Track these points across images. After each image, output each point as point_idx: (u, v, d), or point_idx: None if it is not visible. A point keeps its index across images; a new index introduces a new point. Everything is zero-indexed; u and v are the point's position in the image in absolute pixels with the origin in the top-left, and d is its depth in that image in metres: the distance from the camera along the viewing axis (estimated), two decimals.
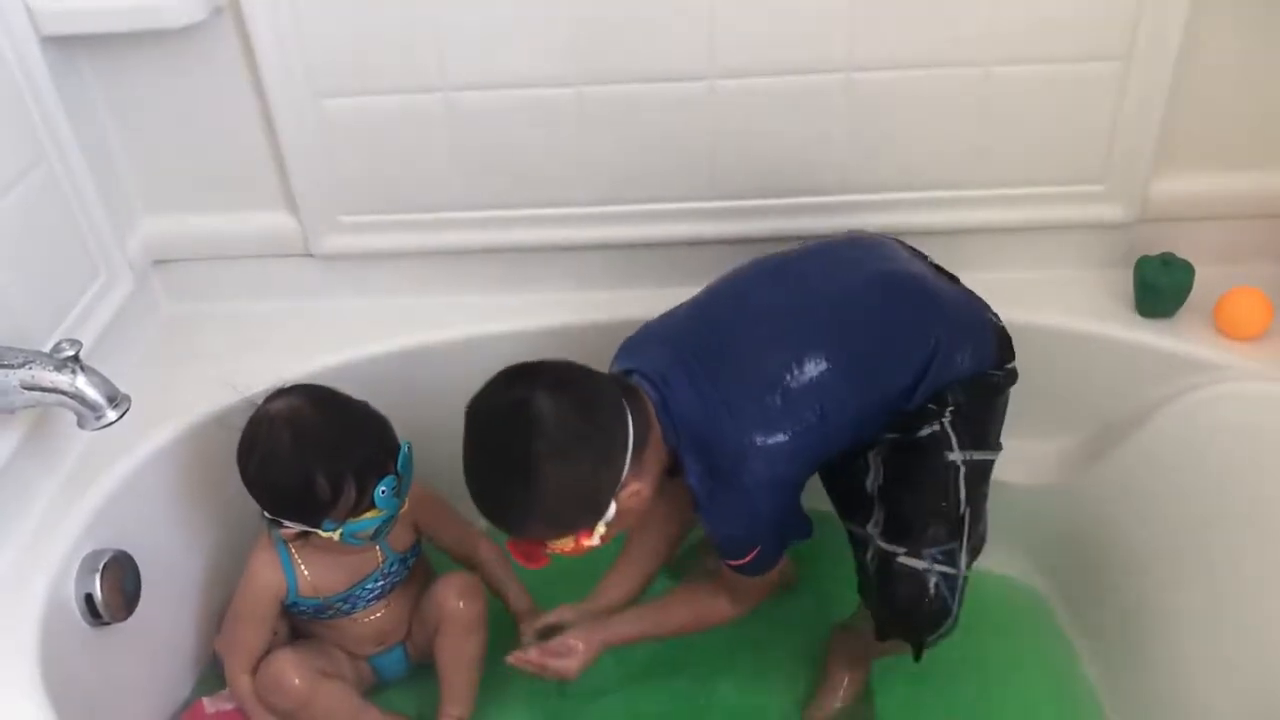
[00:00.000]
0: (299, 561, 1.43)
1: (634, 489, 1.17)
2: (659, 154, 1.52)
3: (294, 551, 1.42)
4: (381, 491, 1.32)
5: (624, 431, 1.15)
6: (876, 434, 1.29)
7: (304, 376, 1.42)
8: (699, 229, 1.57)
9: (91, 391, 1.21)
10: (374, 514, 1.33)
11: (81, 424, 1.23)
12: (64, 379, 1.20)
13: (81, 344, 1.24)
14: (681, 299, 1.34)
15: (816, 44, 1.42)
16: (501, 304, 1.62)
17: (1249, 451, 1.37)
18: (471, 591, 1.48)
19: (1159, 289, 1.49)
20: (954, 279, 1.36)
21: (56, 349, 1.23)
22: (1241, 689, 1.25)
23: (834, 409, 1.21)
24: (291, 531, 1.36)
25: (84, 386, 1.20)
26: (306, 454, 1.30)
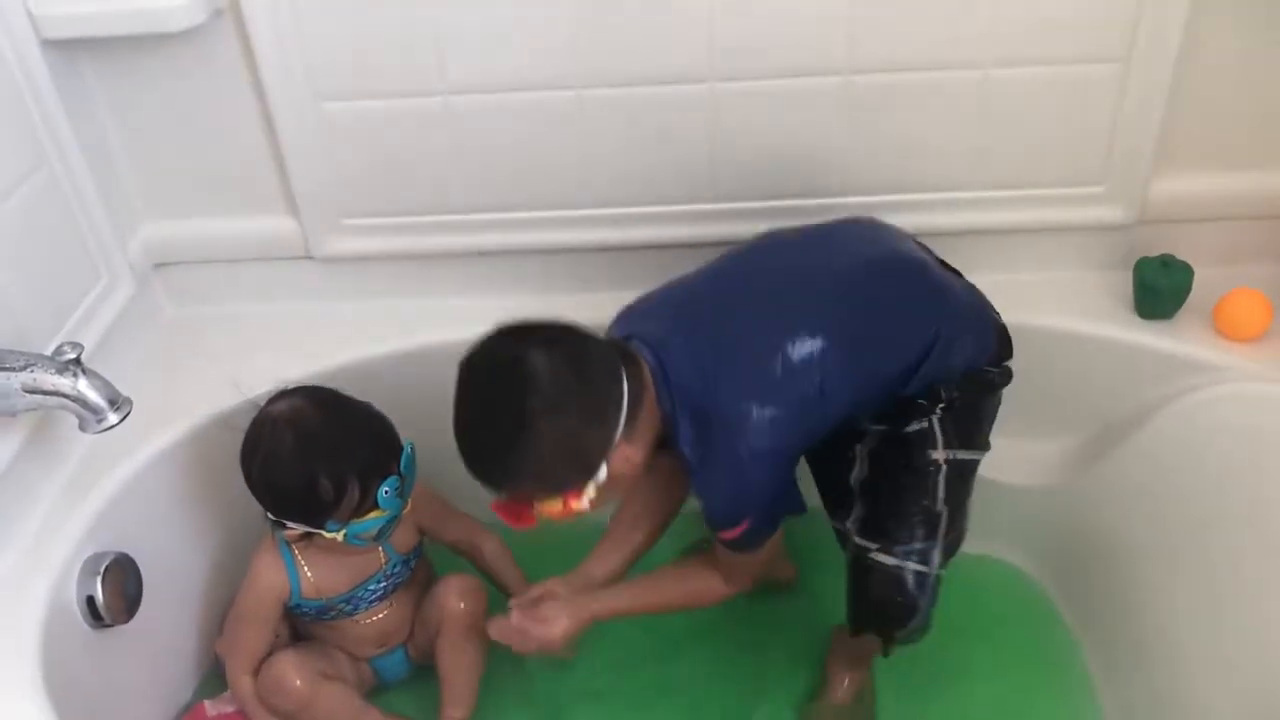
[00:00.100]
0: (302, 563, 1.43)
1: (626, 453, 1.15)
2: (659, 156, 1.52)
3: (297, 553, 1.42)
4: (385, 492, 1.32)
5: (618, 392, 1.13)
6: (871, 415, 1.28)
7: (305, 378, 1.42)
8: (699, 231, 1.57)
9: (93, 394, 1.21)
10: (377, 514, 1.33)
11: (83, 427, 1.23)
12: (65, 382, 1.20)
13: (83, 347, 1.24)
14: None
15: (816, 46, 1.42)
16: (502, 306, 1.60)
17: (1248, 452, 1.37)
18: (473, 593, 1.48)
19: (1158, 290, 1.49)
20: (958, 274, 1.35)
21: (58, 352, 1.23)
22: (1241, 689, 1.26)
23: (833, 385, 1.19)
24: (295, 533, 1.36)
25: (85, 389, 1.20)
26: (310, 455, 1.30)
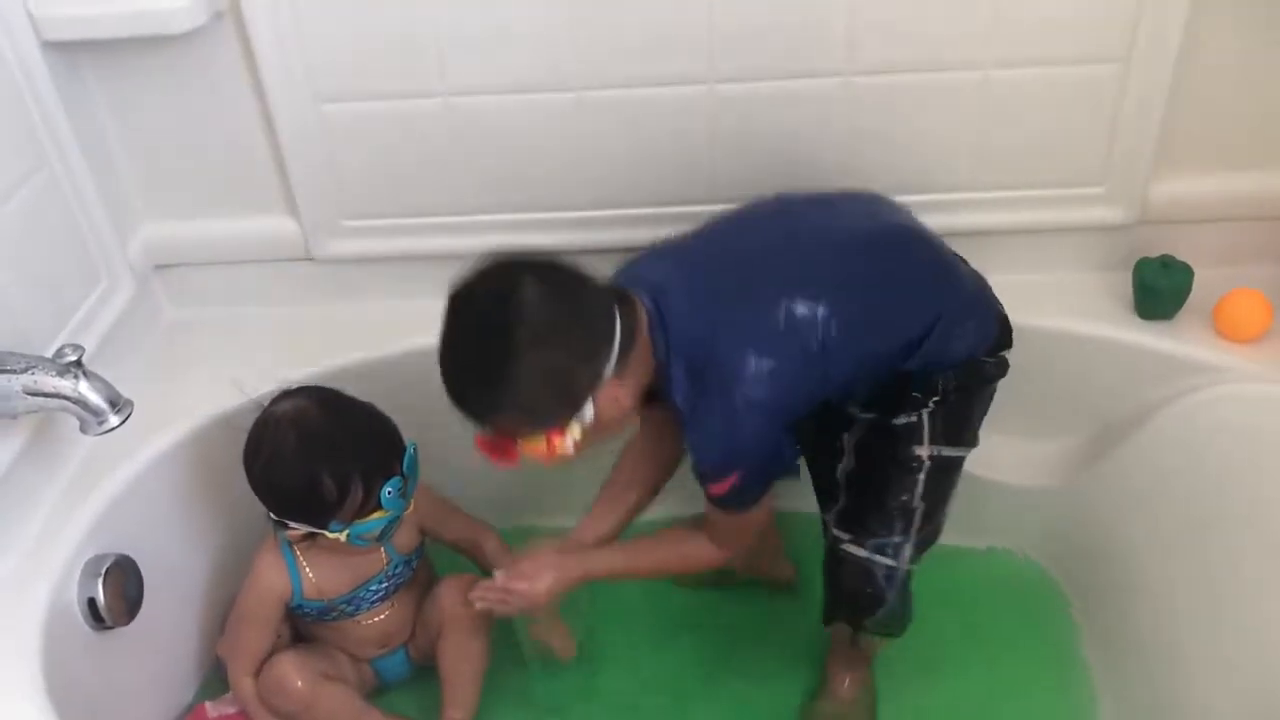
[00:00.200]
0: (303, 563, 1.43)
1: (614, 393, 1.13)
2: (659, 157, 1.52)
3: (299, 554, 1.43)
4: (388, 492, 1.32)
5: (609, 328, 1.11)
6: (866, 396, 1.26)
7: (306, 380, 1.42)
8: None
9: (94, 396, 1.21)
10: (380, 515, 1.33)
11: (84, 429, 1.23)
12: (66, 384, 1.20)
13: (84, 349, 1.24)
14: None
15: (816, 47, 1.42)
16: None
17: (1248, 452, 1.37)
18: None
19: (1158, 291, 1.49)
20: (964, 261, 1.34)
21: (59, 354, 1.23)
22: (1240, 688, 1.26)
23: (834, 346, 1.17)
24: (298, 533, 1.36)
25: (86, 391, 1.21)
26: (312, 455, 1.31)
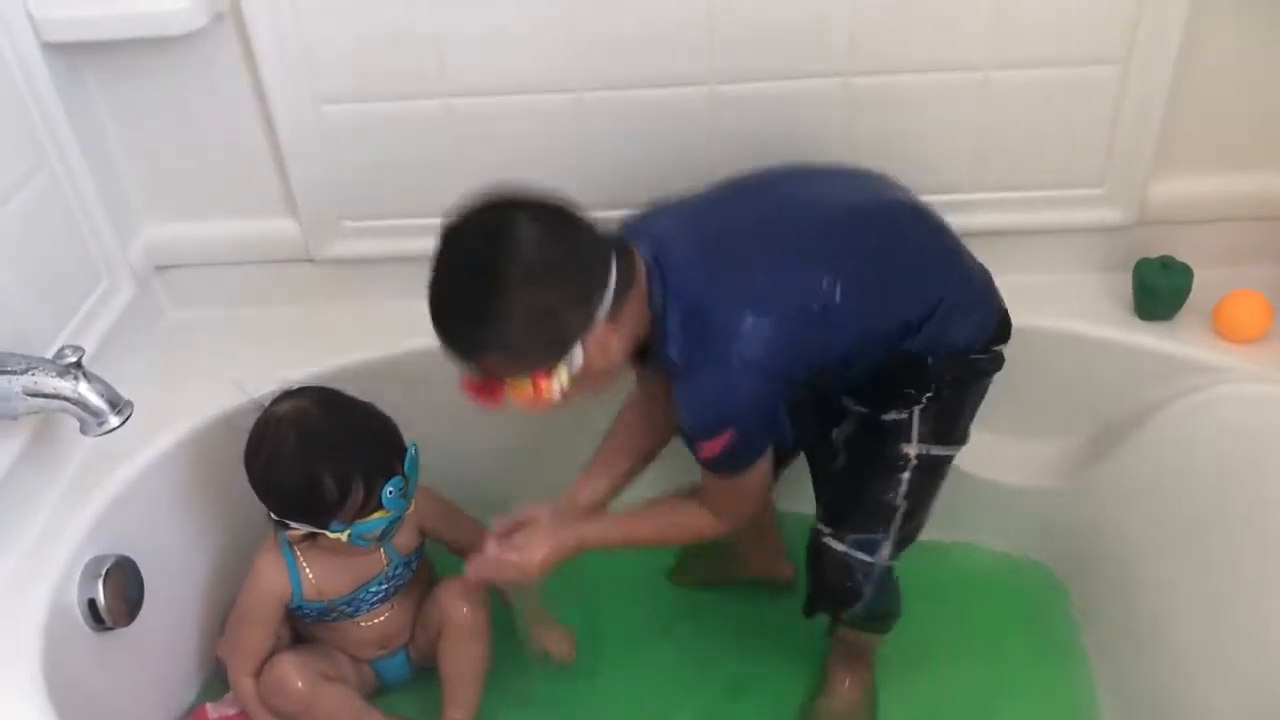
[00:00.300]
0: (304, 564, 1.43)
1: (605, 341, 1.11)
2: (659, 158, 1.52)
3: (299, 554, 1.43)
4: (389, 492, 1.32)
5: (604, 272, 1.09)
6: (864, 379, 1.25)
7: (307, 380, 1.42)
8: None
9: (94, 397, 1.21)
10: (381, 515, 1.33)
11: (84, 430, 1.23)
12: (66, 385, 1.20)
13: (84, 350, 1.24)
14: None
15: (816, 49, 1.42)
16: None
17: (1248, 453, 1.37)
18: (475, 595, 1.48)
19: (1158, 291, 1.49)
20: (969, 252, 1.33)
21: (59, 355, 1.24)
22: (1241, 688, 1.26)
23: (837, 310, 1.16)
24: (299, 533, 1.36)
25: (86, 392, 1.21)
26: (313, 455, 1.31)
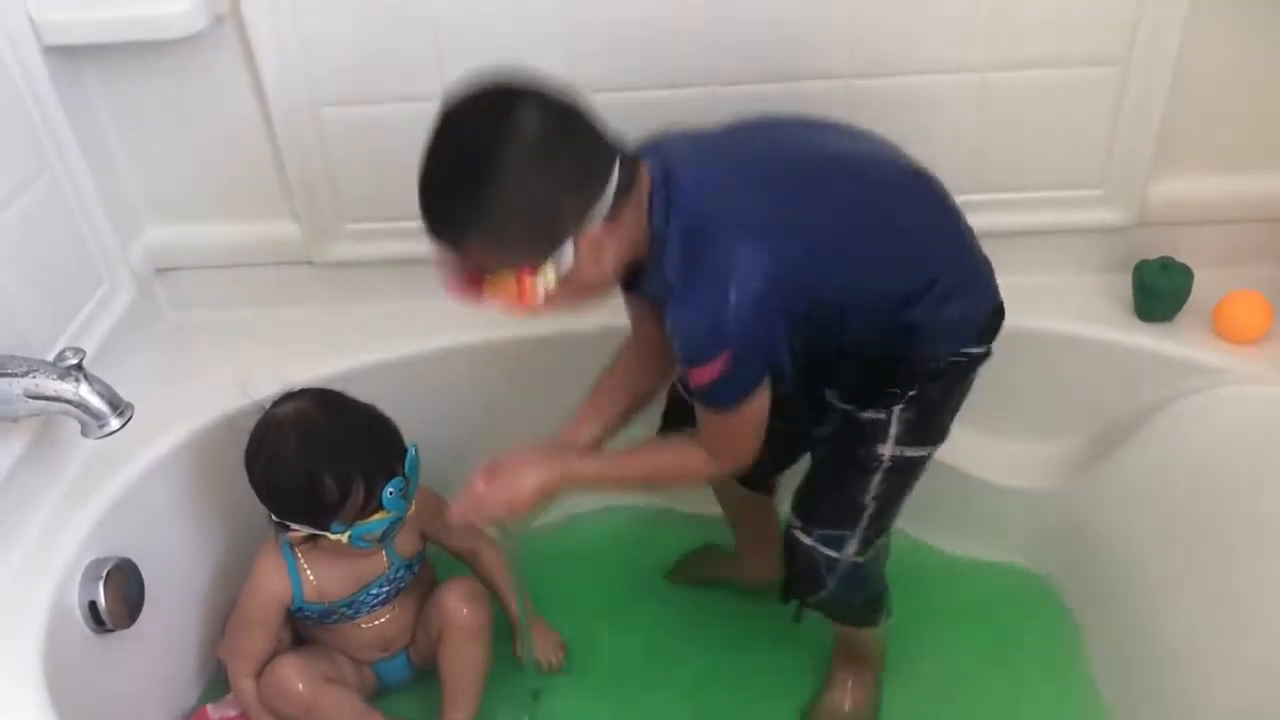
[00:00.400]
0: (304, 566, 1.43)
1: (597, 244, 1.07)
2: None
3: (300, 556, 1.43)
4: (389, 493, 1.32)
5: (605, 169, 1.06)
6: (860, 334, 1.21)
7: (307, 383, 1.42)
8: None
9: (95, 400, 1.21)
10: (382, 516, 1.33)
11: (85, 432, 1.23)
12: (67, 387, 1.20)
13: (85, 352, 1.24)
14: None
15: (817, 50, 1.42)
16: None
17: (1249, 454, 1.37)
18: (476, 598, 1.49)
19: (1158, 293, 1.49)
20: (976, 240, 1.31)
21: (60, 357, 1.24)
22: (1243, 690, 1.26)
23: (844, 247, 1.14)
24: (299, 535, 1.36)
25: (87, 395, 1.21)
26: (314, 455, 1.31)
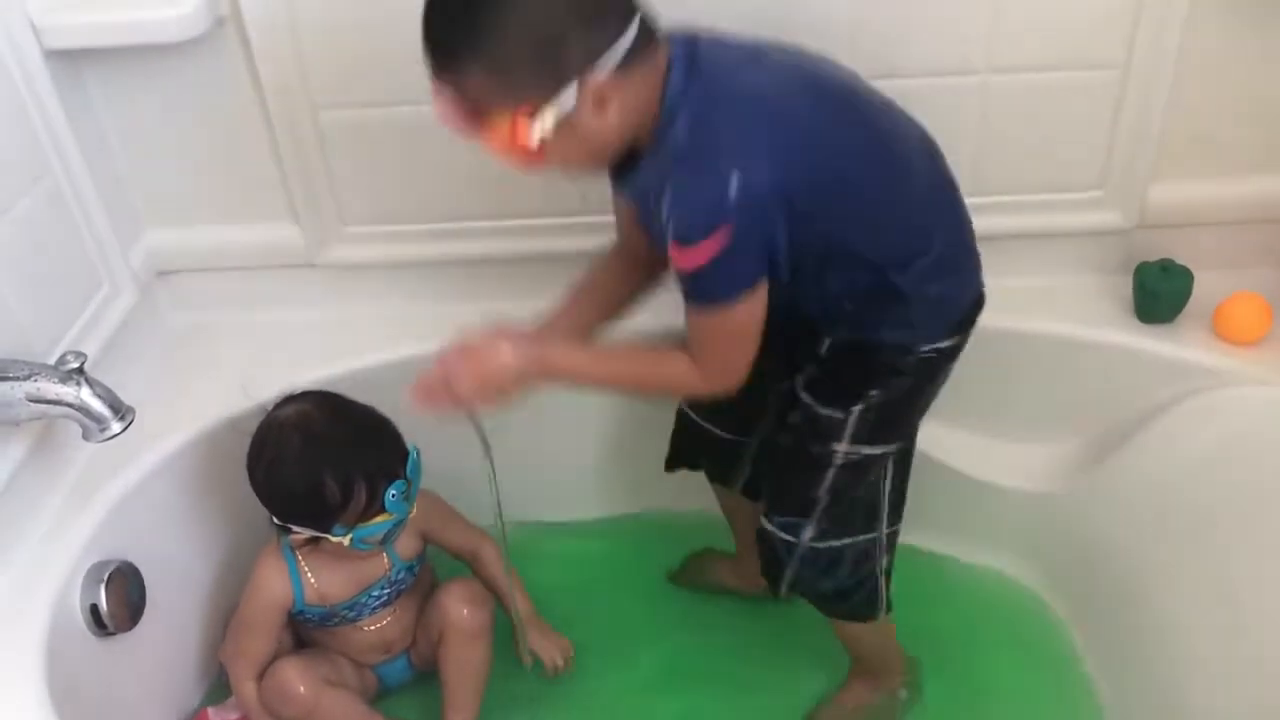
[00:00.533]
0: (305, 569, 1.43)
1: (603, 95, 1.02)
2: None
3: (301, 559, 1.43)
4: (391, 495, 1.32)
5: (623, 17, 1.02)
6: (837, 301, 1.19)
7: (309, 385, 1.42)
8: None
9: (96, 403, 1.21)
10: (384, 518, 1.33)
11: (86, 436, 1.23)
12: (69, 391, 1.20)
13: (86, 356, 1.24)
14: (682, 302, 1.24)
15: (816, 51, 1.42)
16: (503, 312, 1.62)
17: (1249, 456, 1.37)
18: (477, 600, 1.49)
19: (1158, 295, 1.49)
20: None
21: (61, 361, 1.24)
22: (1244, 695, 1.26)
23: (853, 172, 1.11)
24: (301, 538, 1.36)
25: (89, 398, 1.21)
26: (316, 457, 1.31)
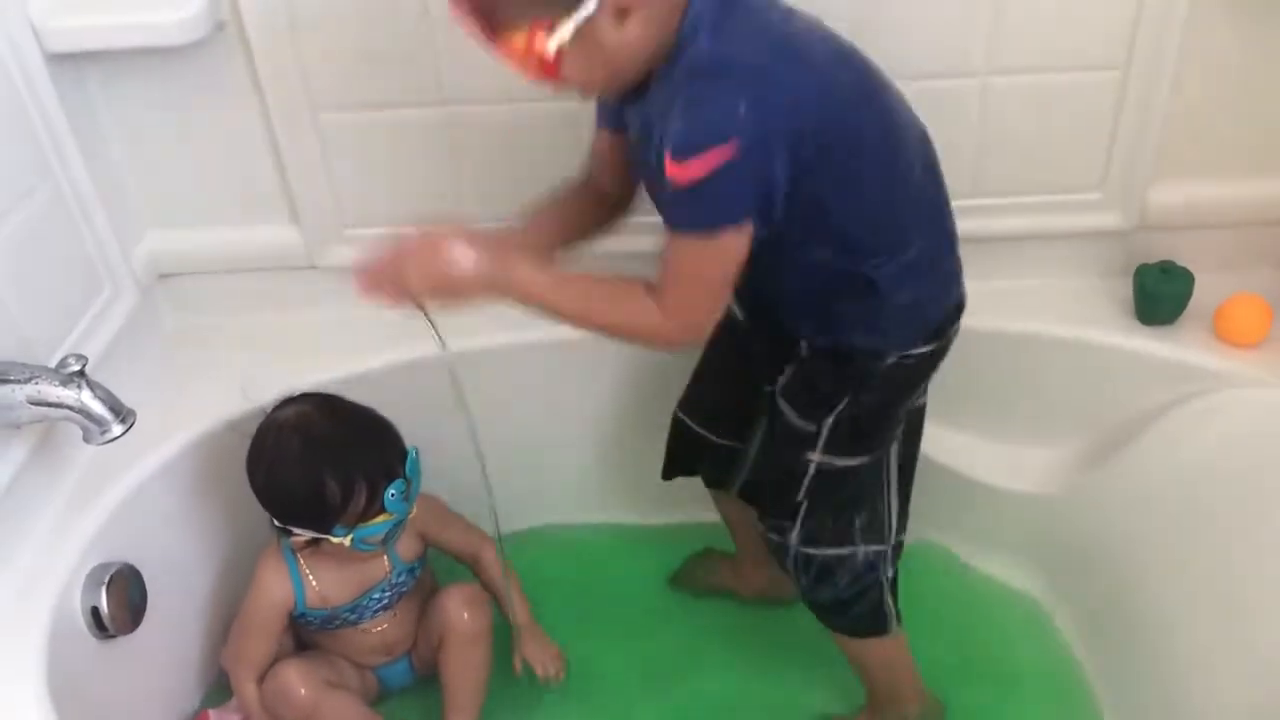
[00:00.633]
0: (306, 572, 1.43)
1: (624, 7, 1.00)
2: None
3: (302, 562, 1.43)
4: (391, 495, 1.32)
5: None
6: (806, 284, 1.17)
7: (309, 387, 1.42)
8: None
9: (97, 406, 1.21)
10: (384, 518, 1.34)
11: (87, 438, 1.23)
12: (70, 394, 1.20)
13: (87, 359, 1.24)
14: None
15: None
16: (503, 314, 1.62)
17: (1249, 458, 1.37)
18: (477, 603, 1.49)
19: (1159, 296, 1.49)
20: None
21: (62, 364, 1.24)
22: (1245, 698, 1.25)
23: (855, 139, 1.10)
24: (302, 540, 1.36)
25: (89, 401, 1.21)
26: (316, 458, 1.31)
